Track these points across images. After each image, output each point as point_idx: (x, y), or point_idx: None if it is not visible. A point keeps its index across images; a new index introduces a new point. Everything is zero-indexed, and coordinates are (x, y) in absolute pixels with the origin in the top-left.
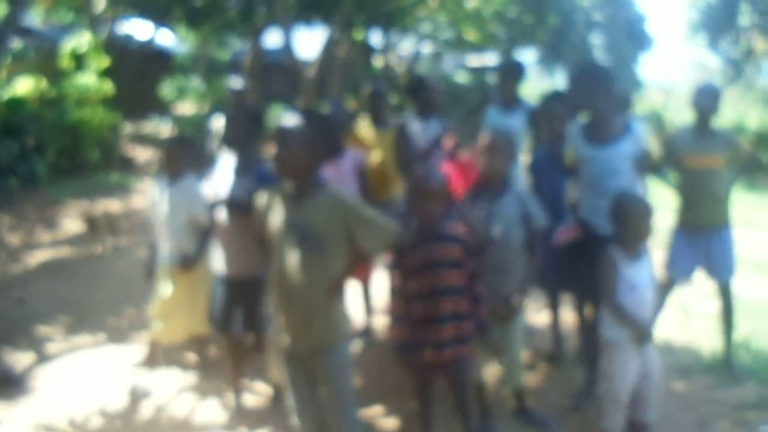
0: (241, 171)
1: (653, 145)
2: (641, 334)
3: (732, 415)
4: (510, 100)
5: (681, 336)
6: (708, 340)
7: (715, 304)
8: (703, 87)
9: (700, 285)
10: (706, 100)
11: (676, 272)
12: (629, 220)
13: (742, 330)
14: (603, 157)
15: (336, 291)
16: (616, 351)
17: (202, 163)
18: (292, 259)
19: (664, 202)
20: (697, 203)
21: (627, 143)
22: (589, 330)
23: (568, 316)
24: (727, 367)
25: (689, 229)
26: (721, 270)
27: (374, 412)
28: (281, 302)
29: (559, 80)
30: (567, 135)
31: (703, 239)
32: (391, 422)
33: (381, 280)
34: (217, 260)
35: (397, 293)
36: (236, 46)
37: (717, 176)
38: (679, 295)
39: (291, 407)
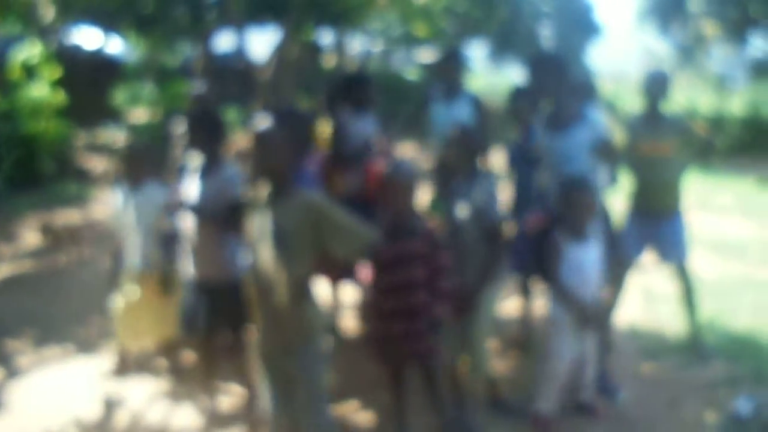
0: (207, 175)
1: (615, 133)
2: (583, 314)
3: (702, 394)
4: (453, 90)
5: (646, 319)
6: (673, 322)
7: (677, 287)
8: (652, 74)
9: (663, 268)
10: (656, 87)
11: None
12: (572, 203)
13: (706, 310)
14: (560, 144)
15: (306, 291)
16: (556, 331)
17: (165, 169)
18: (266, 260)
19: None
20: (649, 189)
21: (582, 131)
22: None
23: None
24: (694, 347)
25: (641, 214)
26: (673, 253)
27: (348, 407)
28: (256, 303)
29: (509, 73)
30: (535, 126)
31: (655, 224)
32: (366, 416)
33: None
34: (188, 265)
35: (369, 288)
36: (187, 51)
37: (668, 162)
38: (642, 279)
39: (265, 407)
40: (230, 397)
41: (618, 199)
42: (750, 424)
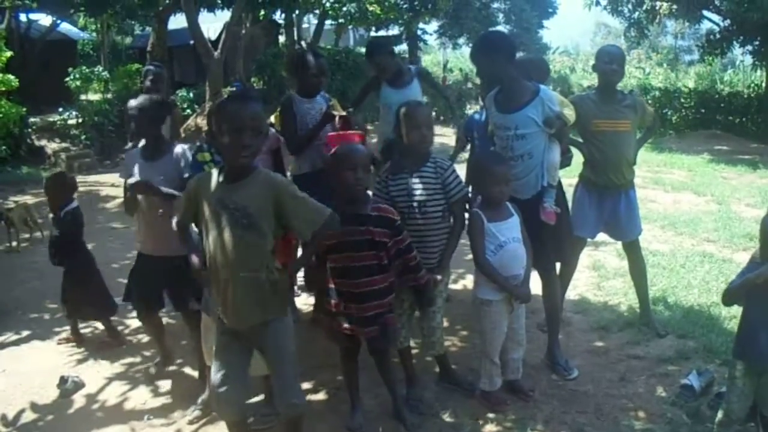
0: (152, 158)
1: (568, 111)
2: (509, 291)
3: (652, 369)
4: (395, 77)
5: (597, 295)
6: (624, 298)
7: (628, 263)
8: (605, 50)
9: (615, 244)
10: (610, 64)
11: (581, 232)
12: (486, 180)
13: (658, 286)
14: (510, 124)
15: (272, 266)
16: (488, 310)
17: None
18: (230, 240)
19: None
20: (603, 166)
21: (533, 109)
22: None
23: None
24: (645, 323)
25: (595, 191)
26: (627, 230)
27: (302, 387)
28: (220, 283)
29: (463, 49)
30: (485, 104)
31: (609, 201)
32: (319, 397)
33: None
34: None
35: (321, 268)
36: (139, 32)
37: (623, 139)
38: (594, 255)
39: (216, 378)
40: (187, 378)
41: (570, 175)
42: (701, 398)
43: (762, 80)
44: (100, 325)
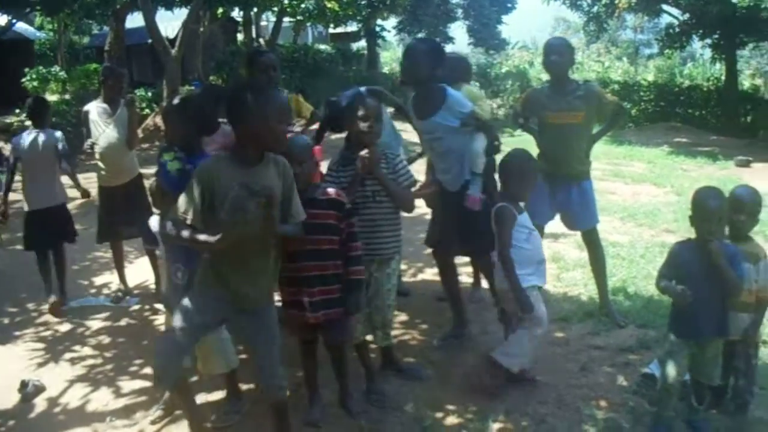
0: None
1: (483, 104)
2: (517, 291)
3: (613, 359)
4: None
5: (557, 286)
6: (584, 289)
7: (587, 253)
8: (547, 43)
9: (573, 236)
10: (550, 55)
11: (533, 217)
12: (520, 180)
13: (618, 276)
14: (426, 129)
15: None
16: (537, 294)
17: None
18: (256, 221)
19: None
20: (558, 157)
21: (443, 115)
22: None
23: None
24: (605, 313)
25: (547, 180)
26: (582, 220)
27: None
28: (236, 263)
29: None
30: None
31: (561, 190)
32: None
33: None
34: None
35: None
36: (96, 30)
37: (577, 131)
38: (552, 247)
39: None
40: (148, 379)
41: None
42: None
43: (721, 73)
44: (61, 327)
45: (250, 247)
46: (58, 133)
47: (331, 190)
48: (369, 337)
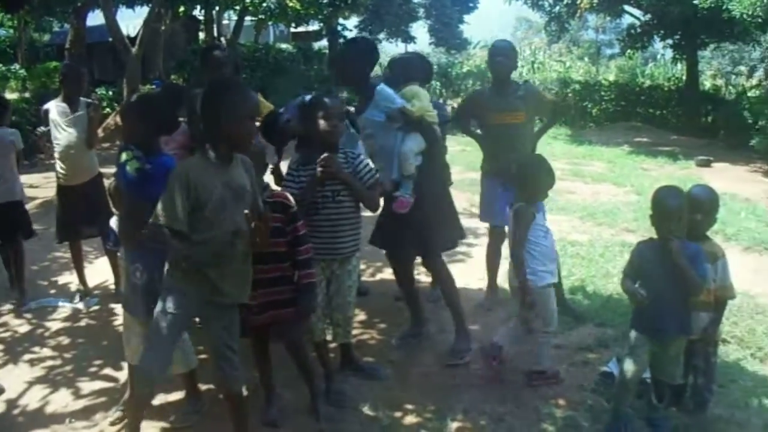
0: None
1: (417, 102)
2: (523, 284)
3: (572, 358)
4: None
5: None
6: None
7: None
8: (494, 45)
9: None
10: (496, 57)
11: (491, 221)
12: (533, 178)
13: (577, 275)
14: (362, 124)
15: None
16: (550, 291)
17: None
18: (241, 216)
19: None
20: (501, 156)
21: (371, 111)
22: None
23: None
24: (563, 310)
25: (497, 179)
26: None
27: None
28: (223, 260)
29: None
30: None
31: (512, 190)
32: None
33: None
34: None
35: None
36: (57, 27)
37: (519, 130)
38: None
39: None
40: (108, 380)
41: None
42: None
43: (682, 73)
44: (20, 328)
45: (234, 246)
46: (14, 131)
47: (277, 193)
48: (328, 337)
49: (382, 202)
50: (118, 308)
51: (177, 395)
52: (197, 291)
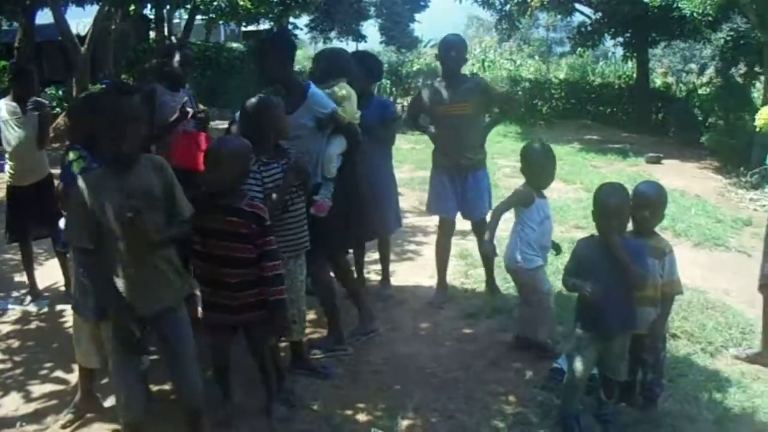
0: None
1: (348, 105)
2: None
3: (522, 354)
4: None
5: (465, 283)
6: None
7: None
8: (445, 39)
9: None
10: (448, 51)
11: (440, 213)
12: (536, 164)
13: None
14: (290, 125)
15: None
16: (543, 272)
17: None
18: (138, 224)
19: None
20: (451, 148)
21: (302, 113)
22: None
23: None
24: (489, 291)
25: (445, 172)
26: (473, 209)
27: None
28: (130, 269)
29: (335, 42)
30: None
31: (458, 181)
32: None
33: None
34: None
35: (194, 255)
36: (6, 26)
37: (466, 121)
38: (459, 244)
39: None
40: (59, 383)
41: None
42: None
43: (633, 71)
44: None
45: (132, 254)
46: None
47: (255, 204)
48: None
49: None
50: (68, 310)
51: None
52: (120, 301)
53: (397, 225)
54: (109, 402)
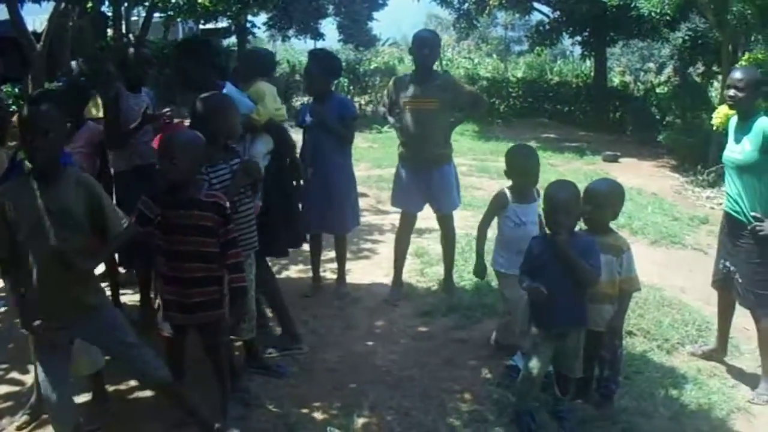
0: None
1: (263, 106)
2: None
3: (477, 352)
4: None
5: (420, 281)
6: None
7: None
8: (418, 36)
9: (437, 232)
10: (422, 49)
11: (404, 207)
12: (516, 171)
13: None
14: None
15: (92, 265)
16: (513, 281)
17: None
18: (57, 242)
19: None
20: (415, 141)
21: None
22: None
23: None
24: (445, 289)
25: (410, 167)
26: (442, 203)
27: (128, 384)
28: (45, 283)
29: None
30: None
31: (423, 175)
32: (146, 394)
33: None
34: None
35: (156, 252)
36: None
37: (432, 116)
38: (415, 242)
39: (45, 388)
40: (13, 384)
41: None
42: None
43: (591, 70)
44: None
45: (52, 271)
46: None
47: (214, 193)
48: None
49: None
50: None
51: (84, 397)
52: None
53: (355, 223)
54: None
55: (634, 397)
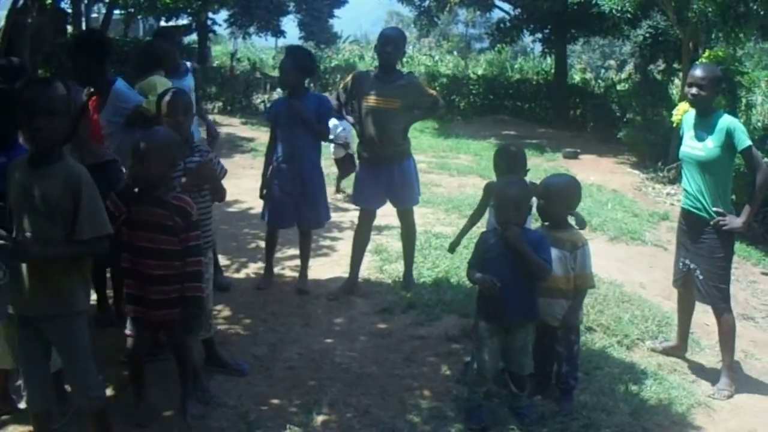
0: None
1: (150, 99)
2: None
3: (436, 349)
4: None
5: (379, 278)
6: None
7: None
8: (383, 33)
9: (397, 229)
10: (386, 46)
11: (363, 204)
12: (502, 167)
13: (441, 266)
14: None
15: (68, 260)
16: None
17: None
18: (30, 228)
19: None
20: (374, 139)
21: (108, 108)
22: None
23: None
24: (405, 286)
25: (370, 164)
26: (404, 198)
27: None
28: (20, 269)
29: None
30: None
31: (384, 172)
32: (107, 393)
33: None
34: None
35: (123, 247)
36: None
37: (392, 116)
38: (375, 240)
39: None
40: None
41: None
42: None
43: (551, 67)
44: None
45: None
46: None
47: (182, 197)
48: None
49: None
50: None
51: None
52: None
53: (327, 217)
54: (24, 404)
55: (594, 393)
